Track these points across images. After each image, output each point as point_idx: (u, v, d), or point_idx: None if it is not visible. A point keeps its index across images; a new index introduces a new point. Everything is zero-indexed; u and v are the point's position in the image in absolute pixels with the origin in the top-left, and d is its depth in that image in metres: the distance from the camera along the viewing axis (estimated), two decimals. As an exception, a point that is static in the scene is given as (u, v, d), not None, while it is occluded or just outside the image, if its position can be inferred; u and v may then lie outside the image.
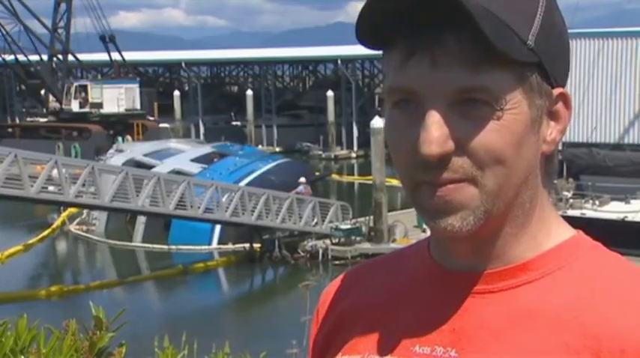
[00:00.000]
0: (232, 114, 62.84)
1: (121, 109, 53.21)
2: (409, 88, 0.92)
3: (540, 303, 0.95)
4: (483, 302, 0.97)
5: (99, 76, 59.76)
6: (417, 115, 0.92)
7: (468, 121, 0.91)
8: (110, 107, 52.95)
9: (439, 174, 0.91)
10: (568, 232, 1.01)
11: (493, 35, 0.88)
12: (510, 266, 0.98)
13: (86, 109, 53.07)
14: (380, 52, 0.97)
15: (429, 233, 1.03)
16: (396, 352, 0.99)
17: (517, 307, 0.96)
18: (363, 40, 0.94)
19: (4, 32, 50.89)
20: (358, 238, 26.50)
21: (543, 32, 0.93)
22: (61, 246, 31.54)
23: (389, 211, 26.77)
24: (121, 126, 51.66)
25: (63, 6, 54.28)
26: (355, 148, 56.75)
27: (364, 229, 26.79)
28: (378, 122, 27.07)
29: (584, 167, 26.64)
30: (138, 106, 53.93)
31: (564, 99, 0.98)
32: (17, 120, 61.59)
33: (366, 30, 0.93)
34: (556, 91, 0.97)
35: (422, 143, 0.90)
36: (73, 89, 53.31)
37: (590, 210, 23.16)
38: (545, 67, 0.94)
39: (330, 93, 56.11)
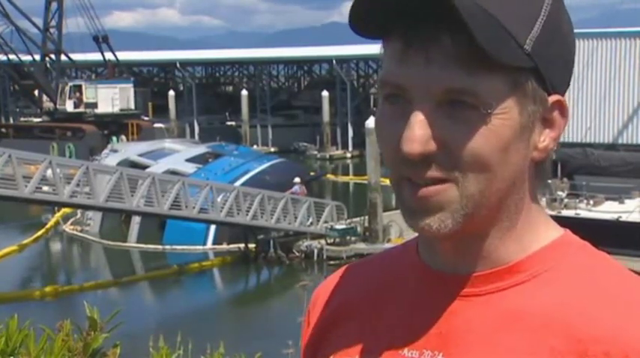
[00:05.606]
0: (227, 114, 62.73)
1: (116, 109, 53.09)
2: (399, 84, 0.91)
3: (527, 306, 0.94)
4: (470, 306, 0.96)
5: (93, 76, 59.66)
6: (404, 111, 0.91)
7: (454, 122, 0.89)
8: (104, 107, 52.82)
9: (421, 172, 0.91)
10: (556, 232, 1.00)
11: (486, 38, 0.85)
12: (497, 268, 0.96)
13: (81, 109, 52.96)
14: (375, 52, 0.96)
15: None
16: (386, 355, 0.99)
17: (504, 310, 0.95)
18: (355, 28, 0.92)
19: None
20: (353, 238, 26.49)
21: (544, 36, 0.91)
22: (56, 246, 31.44)
23: (384, 211, 26.76)
24: (115, 126, 51.51)
25: (54, 5, 54.07)
26: (350, 148, 56.67)
27: (359, 229, 26.79)
28: (372, 122, 27.03)
29: (578, 167, 26.63)
30: (132, 106, 53.83)
31: (561, 107, 0.95)
32: (11, 121, 61.44)
33: (361, 17, 0.91)
34: (552, 98, 0.94)
35: (404, 141, 0.89)
36: (67, 89, 53.18)
37: (585, 210, 23.18)
38: (542, 72, 0.91)
39: (325, 93, 56.05)
